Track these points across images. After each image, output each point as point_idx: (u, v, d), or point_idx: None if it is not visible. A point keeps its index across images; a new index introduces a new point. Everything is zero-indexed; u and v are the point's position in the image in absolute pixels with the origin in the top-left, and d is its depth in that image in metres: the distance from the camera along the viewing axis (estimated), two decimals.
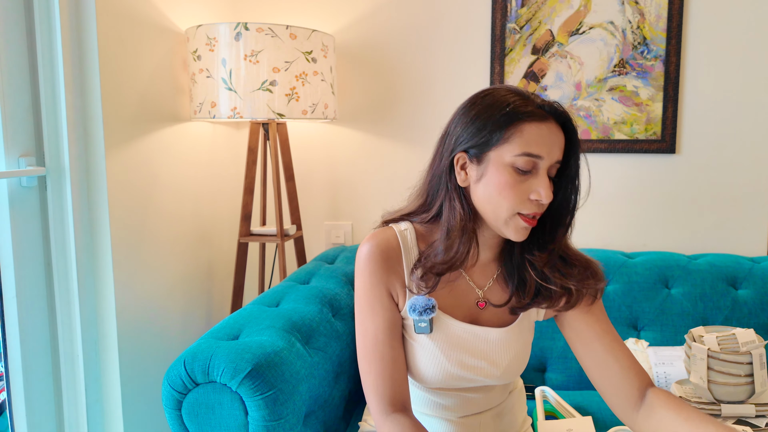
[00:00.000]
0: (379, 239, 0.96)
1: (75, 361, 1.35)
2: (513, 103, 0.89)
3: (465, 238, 0.92)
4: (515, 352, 1.00)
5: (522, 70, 1.83)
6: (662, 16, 1.76)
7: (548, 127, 0.89)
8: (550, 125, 0.90)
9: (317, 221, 2.01)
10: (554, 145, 0.89)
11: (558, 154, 0.90)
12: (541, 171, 0.89)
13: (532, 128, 0.88)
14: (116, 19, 1.39)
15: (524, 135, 0.88)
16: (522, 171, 0.88)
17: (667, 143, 1.80)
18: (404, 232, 0.98)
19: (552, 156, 0.89)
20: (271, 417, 1.02)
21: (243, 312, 1.27)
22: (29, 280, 1.28)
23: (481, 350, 0.99)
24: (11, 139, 1.22)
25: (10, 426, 1.28)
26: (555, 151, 0.90)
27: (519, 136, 0.88)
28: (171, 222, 1.64)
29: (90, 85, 1.34)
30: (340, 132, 1.96)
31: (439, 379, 0.99)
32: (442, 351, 0.98)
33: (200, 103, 1.61)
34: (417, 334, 0.98)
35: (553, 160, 0.90)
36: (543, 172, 0.89)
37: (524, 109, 0.88)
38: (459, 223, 0.92)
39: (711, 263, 1.64)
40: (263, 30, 1.56)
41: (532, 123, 0.88)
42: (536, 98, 0.91)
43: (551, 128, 0.89)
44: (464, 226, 0.92)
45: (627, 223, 1.87)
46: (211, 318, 1.88)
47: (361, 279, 0.96)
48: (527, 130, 0.88)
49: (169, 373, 1.05)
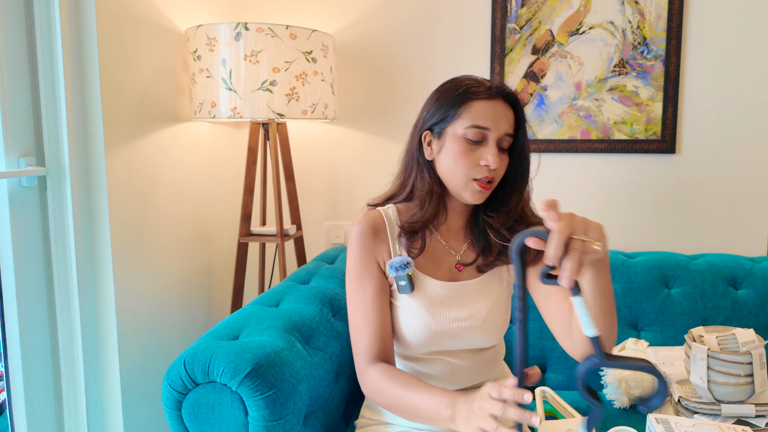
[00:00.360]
0: (368, 218, 1.11)
1: (75, 361, 1.35)
2: (466, 85, 1.05)
3: (433, 201, 1.09)
4: (492, 302, 1.12)
5: (522, 70, 1.84)
6: (662, 16, 1.76)
7: (495, 104, 1.03)
8: (497, 103, 1.04)
9: (317, 221, 2.01)
10: (501, 119, 1.03)
11: (506, 128, 1.04)
12: (490, 142, 1.03)
13: (481, 105, 1.03)
14: (116, 19, 1.39)
15: (473, 111, 1.03)
16: (473, 141, 1.03)
17: (667, 143, 1.80)
18: (387, 210, 1.14)
19: (499, 129, 1.03)
20: (271, 417, 1.02)
21: (243, 312, 1.27)
22: (29, 280, 1.28)
23: (460, 302, 1.10)
24: (11, 139, 1.22)
25: (10, 426, 1.28)
26: (502, 125, 1.03)
27: (469, 111, 1.03)
28: (171, 222, 1.64)
29: (90, 85, 1.34)
30: (340, 132, 1.96)
31: (425, 337, 1.08)
32: (425, 308, 1.09)
33: (200, 103, 1.61)
34: (401, 296, 1.10)
35: (501, 133, 1.04)
36: (492, 143, 1.03)
37: (475, 89, 1.04)
38: (427, 188, 1.09)
39: (711, 263, 1.64)
40: (263, 30, 1.56)
41: (481, 101, 1.03)
42: (489, 82, 1.06)
43: (498, 105, 1.04)
44: (431, 189, 1.09)
45: (627, 223, 1.87)
46: (211, 318, 1.88)
47: (353, 252, 1.10)
48: (476, 107, 1.03)
49: (169, 373, 1.05)
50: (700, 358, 1.16)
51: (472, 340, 1.12)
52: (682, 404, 1.22)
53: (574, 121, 1.83)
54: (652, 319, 1.59)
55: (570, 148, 1.84)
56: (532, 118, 1.85)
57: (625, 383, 1.44)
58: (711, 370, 1.15)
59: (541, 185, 1.88)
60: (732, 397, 1.15)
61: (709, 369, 1.15)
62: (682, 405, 1.22)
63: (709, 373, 1.15)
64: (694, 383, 1.19)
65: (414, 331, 1.09)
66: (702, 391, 1.18)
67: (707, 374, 1.15)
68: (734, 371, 1.13)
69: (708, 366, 1.15)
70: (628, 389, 1.44)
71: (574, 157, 1.86)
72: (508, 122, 1.04)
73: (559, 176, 1.87)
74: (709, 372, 1.15)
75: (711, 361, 1.15)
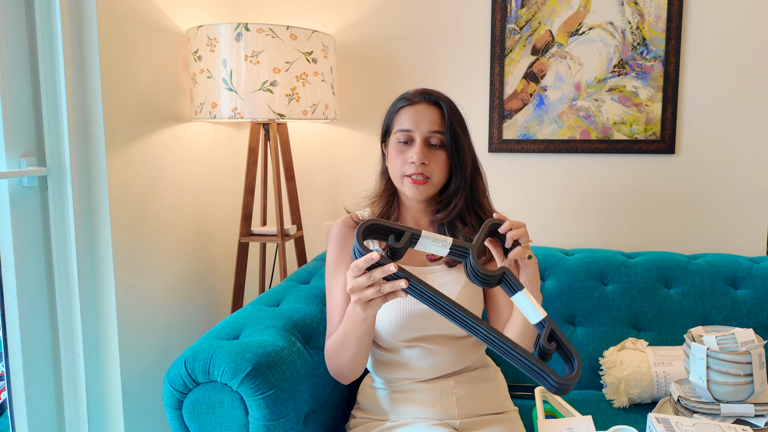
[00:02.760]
0: (345, 219, 1.24)
1: (76, 361, 1.36)
2: (398, 98, 1.21)
3: (386, 198, 1.24)
4: (461, 285, 1.18)
5: (522, 71, 1.84)
6: (662, 16, 1.77)
7: (417, 108, 1.16)
8: (419, 107, 1.17)
9: (317, 221, 2.02)
10: (423, 120, 1.15)
11: (429, 126, 1.15)
12: (417, 141, 1.15)
13: (405, 111, 1.17)
14: (117, 19, 1.39)
15: (401, 118, 1.18)
16: (402, 142, 1.16)
17: (667, 143, 1.81)
18: (363, 212, 1.26)
19: (422, 128, 1.15)
20: (271, 416, 1.02)
21: (243, 312, 1.27)
22: (30, 279, 1.28)
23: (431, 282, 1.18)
24: (12, 140, 1.23)
25: (11, 426, 1.28)
26: (424, 125, 1.15)
27: (398, 119, 1.18)
28: (172, 222, 1.65)
29: (91, 86, 1.34)
30: (340, 132, 1.96)
31: (401, 319, 1.15)
32: None
33: (201, 103, 1.62)
34: None
35: (425, 131, 1.15)
36: (418, 142, 1.14)
37: (401, 99, 1.19)
38: (380, 190, 1.25)
39: (710, 263, 1.65)
40: (264, 30, 1.56)
41: (405, 108, 1.18)
42: (416, 91, 1.19)
43: (419, 109, 1.16)
44: (385, 186, 1.24)
45: (626, 223, 1.87)
46: (211, 318, 1.89)
47: (330, 248, 1.21)
48: (402, 114, 1.18)
49: (169, 373, 1.05)
50: (699, 358, 1.17)
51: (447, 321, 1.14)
52: (681, 404, 1.22)
53: (574, 122, 1.84)
54: (652, 318, 1.60)
55: (569, 148, 1.85)
56: (532, 118, 1.85)
57: (625, 383, 1.44)
58: (710, 369, 1.16)
59: (541, 186, 1.90)
60: (731, 397, 1.16)
61: (708, 369, 1.16)
62: (681, 404, 1.22)
63: (709, 372, 1.16)
64: (693, 383, 1.20)
65: (390, 315, 1.15)
66: (701, 391, 1.18)
67: (707, 374, 1.16)
68: (733, 371, 1.14)
69: (707, 366, 1.16)
70: (628, 389, 1.44)
71: (574, 157, 1.86)
72: (431, 121, 1.15)
73: (559, 176, 1.87)
74: (708, 372, 1.16)
75: (710, 360, 1.15)
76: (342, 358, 1.10)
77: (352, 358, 1.09)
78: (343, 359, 1.10)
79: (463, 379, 1.20)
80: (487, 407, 1.20)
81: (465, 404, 1.18)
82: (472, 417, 1.18)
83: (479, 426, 1.16)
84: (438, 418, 1.16)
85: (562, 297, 1.61)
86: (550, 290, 1.62)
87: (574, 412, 1.32)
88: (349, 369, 1.12)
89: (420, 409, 1.16)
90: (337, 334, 1.10)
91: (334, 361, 1.12)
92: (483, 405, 1.20)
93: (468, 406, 1.18)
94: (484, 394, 1.21)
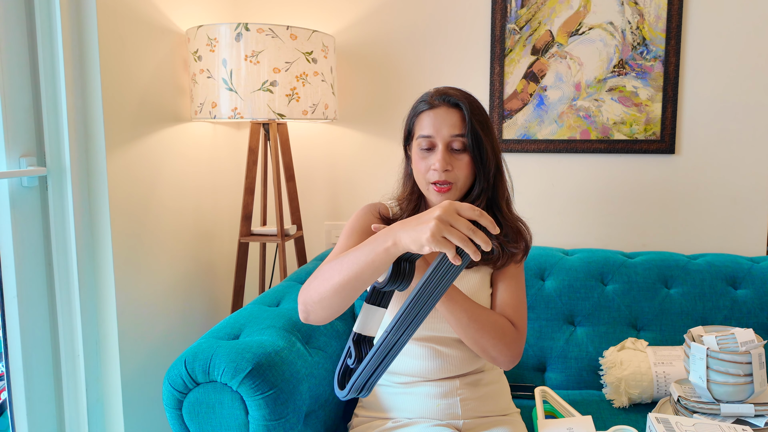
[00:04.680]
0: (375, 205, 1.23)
1: (76, 361, 1.36)
2: (417, 101, 1.17)
3: (413, 198, 1.21)
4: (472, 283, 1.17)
5: (522, 71, 1.84)
6: (662, 16, 1.77)
7: (436, 112, 1.12)
8: (439, 110, 1.12)
9: (317, 221, 2.02)
10: (443, 124, 1.11)
11: (450, 131, 1.11)
12: (438, 147, 1.11)
13: (425, 116, 1.14)
14: (117, 19, 1.39)
15: (421, 123, 1.14)
16: (424, 149, 1.13)
17: (667, 143, 1.81)
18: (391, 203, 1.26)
19: (442, 133, 1.11)
20: (271, 416, 1.02)
21: (243, 312, 1.27)
22: (30, 279, 1.28)
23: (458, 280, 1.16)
24: (12, 139, 1.23)
25: (11, 426, 1.28)
26: (444, 129, 1.11)
27: (419, 124, 1.15)
28: (172, 222, 1.65)
29: (91, 86, 1.34)
30: (340, 132, 1.96)
31: None
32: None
33: (201, 103, 1.62)
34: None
35: (447, 136, 1.11)
36: (440, 148, 1.11)
37: (421, 103, 1.16)
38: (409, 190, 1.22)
39: (710, 263, 1.65)
40: (264, 30, 1.56)
41: (425, 113, 1.14)
42: (436, 93, 1.14)
43: (439, 112, 1.12)
44: (412, 189, 1.21)
45: (626, 223, 1.87)
46: (211, 318, 1.89)
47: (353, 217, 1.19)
48: (422, 119, 1.14)
49: (169, 373, 1.05)
50: (699, 358, 1.17)
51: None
52: (681, 404, 1.22)
53: (574, 122, 1.84)
54: (652, 318, 1.60)
55: (569, 148, 1.85)
56: (532, 118, 1.85)
57: (625, 383, 1.44)
58: (710, 369, 1.16)
59: (541, 185, 1.90)
60: (731, 397, 1.16)
61: (708, 369, 1.16)
62: (681, 404, 1.22)
63: (709, 372, 1.16)
64: (693, 383, 1.20)
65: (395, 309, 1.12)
66: (701, 391, 1.18)
67: (707, 374, 1.16)
68: (733, 371, 1.14)
69: (707, 366, 1.16)
70: (628, 389, 1.44)
71: (574, 157, 1.87)
72: (451, 125, 1.11)
73: (559, 177, 1.87)
74: (708, 372, 1.16)
75: (710, 360, 1.15)
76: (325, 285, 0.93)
77: (331, 291, 0.92)
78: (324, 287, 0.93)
79: (468, 381, 1.20)
80: (490, 409, 1.20)
81: (469, 405, 1.18)
82: (476, 418, 1.18)
83: (482, 427, 1.16)
84: (441, 417, 1.16)
85: (562, 297, 1.61)
86: (550, 290, 1.62)
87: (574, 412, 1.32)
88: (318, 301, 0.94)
89: (423, 408, 1.16)
90: (339, 259, 0.93)
91: (315, 283, 0.96)
92: (486, 407, 1.20)
93: (472, 408, 1.18)
94: (488, 397, 1.21)
